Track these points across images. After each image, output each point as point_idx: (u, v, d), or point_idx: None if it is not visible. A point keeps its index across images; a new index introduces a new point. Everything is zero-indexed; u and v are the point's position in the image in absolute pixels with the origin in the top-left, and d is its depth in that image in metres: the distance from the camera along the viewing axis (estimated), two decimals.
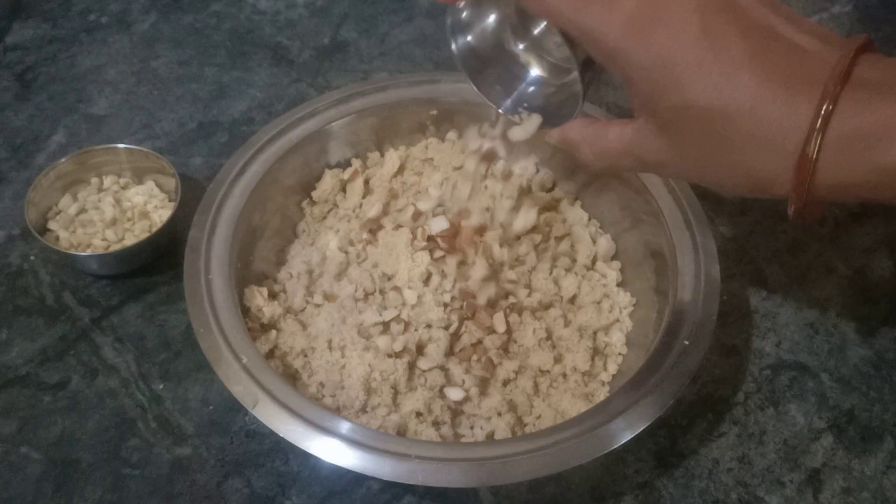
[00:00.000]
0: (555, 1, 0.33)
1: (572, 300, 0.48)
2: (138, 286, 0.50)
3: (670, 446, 0.44)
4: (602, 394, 0.44)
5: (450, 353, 0.44)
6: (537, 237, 0.49)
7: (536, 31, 0.42)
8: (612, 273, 0.49)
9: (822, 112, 0.29)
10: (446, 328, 0.44)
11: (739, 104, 0.30)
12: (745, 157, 0.31)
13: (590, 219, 0.51)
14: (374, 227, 0.49)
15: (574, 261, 0.49)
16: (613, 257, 0.50)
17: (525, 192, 0.51)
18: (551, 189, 0.53)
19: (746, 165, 0.31)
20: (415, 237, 0.47)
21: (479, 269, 0.45)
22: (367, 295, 0.46)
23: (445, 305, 0.45)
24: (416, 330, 0.44)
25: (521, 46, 0.43)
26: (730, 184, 0.33)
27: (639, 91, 0.33)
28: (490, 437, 0.42)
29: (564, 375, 0.45)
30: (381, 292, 0.46)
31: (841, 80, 0.29)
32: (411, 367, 0.43)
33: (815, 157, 0.29)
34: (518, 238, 0.49)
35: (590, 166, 0.39)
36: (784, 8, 0.32)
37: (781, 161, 0.30)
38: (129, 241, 0.50)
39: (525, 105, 0.42)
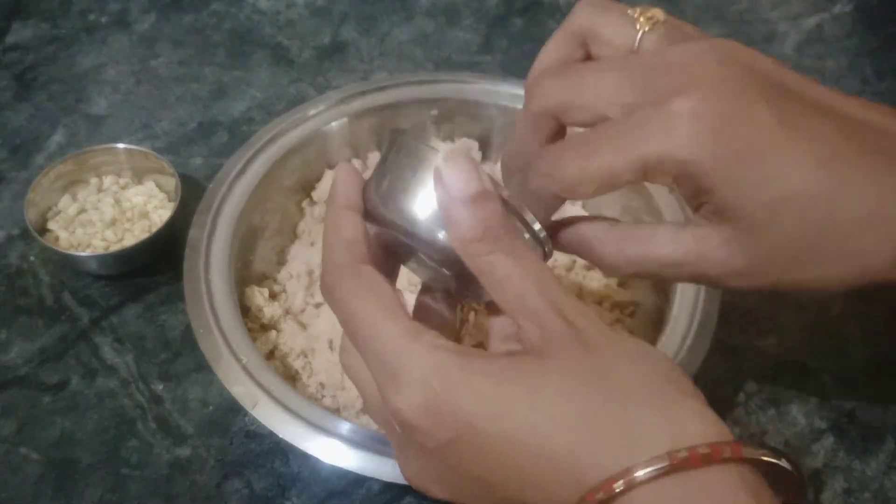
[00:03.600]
0: (606, 148, 0.29)
1: None
2: (138, 286, 0.50)
3: None
4: None
5: None
6: None
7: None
8: None
9: None
10: None
11: (841, 183, 0.28)
12: (855, 239, 0.29)
13: None
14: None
15: (574, 261, 0.49)
16: None
17: None
18: None
19: (855, 250, 0.29)
20: None
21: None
22: None
23: None
24: None
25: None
26: (835, 275, 0.29)
27: (721, 197, 0.29)
28: None
29: None
30: None
31: None
32: None
33: None
34: None
35: (612, 271, 0.33)
36: (827, 88, 0.31)
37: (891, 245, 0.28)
38: (129, 241, 0.50)
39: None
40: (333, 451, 0.36)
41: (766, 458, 0.25)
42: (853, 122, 0.29)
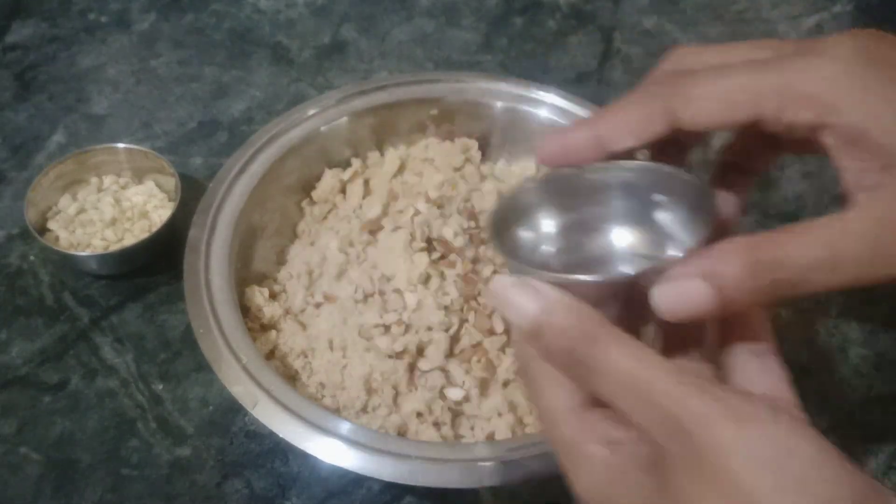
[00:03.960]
0: (733, 80, 0.26)
1: None
2: (138, 286, 0.50)
3: None
4: None
5: (450, 354, 0.44)
6: None
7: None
8: None
9: None
10: (446, 330, 0.44)
11: None
12: None
13: None
14: (373, 228, 0.49)
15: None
16: None
17: None
18: None
19: None
20: (413, 238, 0.47)
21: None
22: (366, 296, 0.46)
23: (445, 308, 0.44)
24: (416, 332, 0.44)
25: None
26: None
27: (876, 135, 0.25)
28: (490, 438, 0.42)
29: None
30: (381, 294, 0.46)
31: None
32: (412, 367, 0.43)
33: None
34: None
35: (789, 294, 0.26)
36: None
37: None
38: (129, 241, 0.50)
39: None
40: (333, 451, 0.36)
41: None
42: None
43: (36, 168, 0.56)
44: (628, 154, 0.28)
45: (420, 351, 0.44)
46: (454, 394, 0.42)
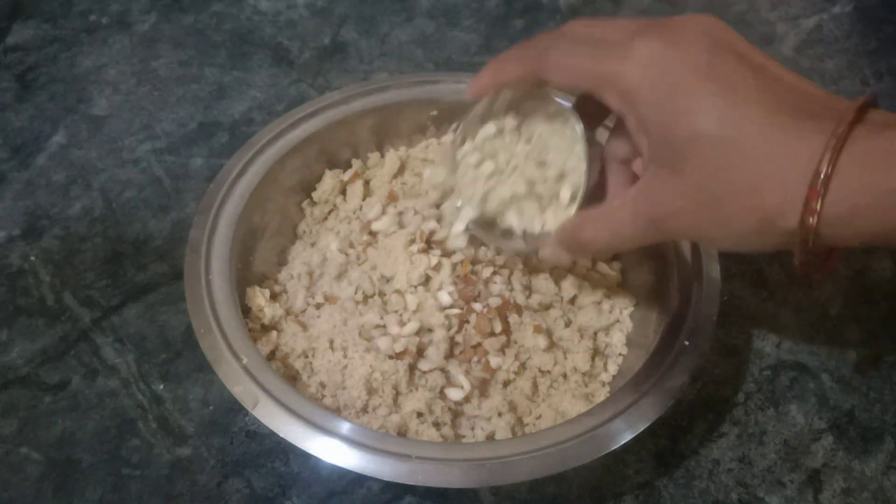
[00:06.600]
0: (575, 60, 0.35)
1: (572, 301, 0.48)
2: (138, 286, 0.50)
3: (671, 447, 0.44)
4: (602, 394, 0.44)
5: (450, 354, 0.44)
6: None
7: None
8: (612, 274, 0.49)
9: (837, 133, 0.29)
10: (446, 331, 0.44)
11: (749, 133, 0.30)
12: (755, 187, 0.31)
13: None
14: (374, 230, 0.49)
15: (574, 262, 0.49)
16: (614, 258, 0.50)
17: None
18: None
19: (755, 196, 0.31)
20: (413, 240, 0.47)
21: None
22: (366, 297, 0.46)
23: (444, 309, 0.45)
24: (416, 333, 0.44)
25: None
26: (738, 225, 0.32)
27: (652, 128, 0.33)
28: (490, 438, 0.42)
29: (564, 376, 0.45)
30: (381, 294, 0.46)
31: (854, 114, 0.29)
32: (412, 368, 0.43)
33: (829, 173, 0.29)
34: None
35: (602, 252, 0.39)
36: (770, 57, 0.33)
37: (792, 186, 0.30)
38: None
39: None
40: (334, 450, 0.36)
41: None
42: (782, 84, 0.32)
43: (36, 168, 0.56)
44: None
45: (420, 351, 0.44)
46: (454, 394, 0.43)
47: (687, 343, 0.40)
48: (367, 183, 0.52)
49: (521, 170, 0.41)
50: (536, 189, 0.41)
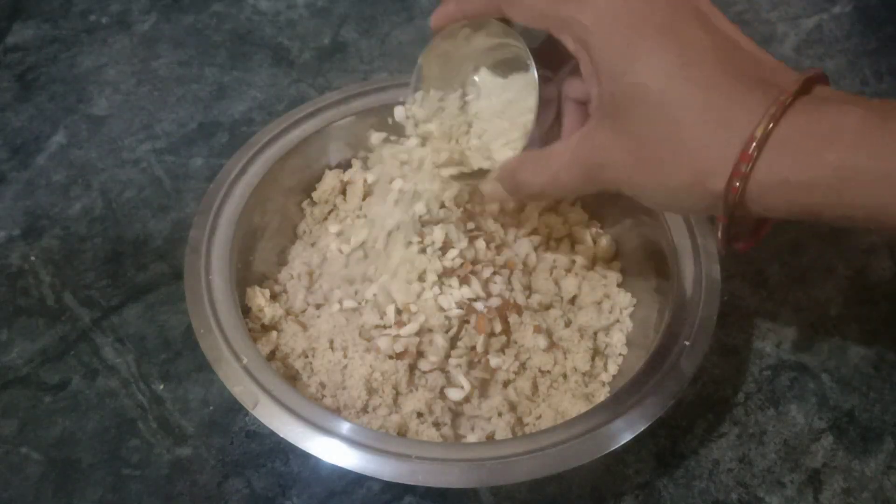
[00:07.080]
0: (537, 1, 0.35)
1: (572, 301, 0.48)
2: (138, 286, 0.50)
3: (671, 447, 0.44)
4: (602, 394, 0.44)
5: (450, 354, 0.44)
6: (536, 238, 0.49)
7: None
8: (612, 274, 0.49)
9: (778, 103, 0.29)
10: (446, 331, 0.44)
11: (694, 92, 0.31)
12: (692, 146, 0.31)
13: (590, 219, 0.51)
14: (373, 230, 0.49)
15: (574, 261, 0.49)
16: (614, 258, 0.50)
17: None
18: None
19: (690, 155, 0.31)
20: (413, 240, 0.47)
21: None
22: (366, 298, 0.46)
23: (444, 309, 0.45)
24: (416, 333, 0.44)
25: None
26: (671, 181, 0.32)
27: (602, 76, 0.33)
28: (490, 438, 0.42)
29: (564, 376, 0.45)
30: (381, 295, 0.46)
31: (799, 85, 0.30)
32: (412, 368, 0.43)
33: (763, 138, 0.29)
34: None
35: (537, 195, 0.39)
36: (733, 24, 0.33)
37: (726, 149, 0.30)
38: None
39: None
40: (333, 450, 0.36)
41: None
42: (738, 49, 0.32)
43: (37, 169, 0.56)
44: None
45: (420, 352, 0.44)
46: (454, 394, 0.43)
47: (687, 343, 0.40)
48: (367, 183, 0.52)
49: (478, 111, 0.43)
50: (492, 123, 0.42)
